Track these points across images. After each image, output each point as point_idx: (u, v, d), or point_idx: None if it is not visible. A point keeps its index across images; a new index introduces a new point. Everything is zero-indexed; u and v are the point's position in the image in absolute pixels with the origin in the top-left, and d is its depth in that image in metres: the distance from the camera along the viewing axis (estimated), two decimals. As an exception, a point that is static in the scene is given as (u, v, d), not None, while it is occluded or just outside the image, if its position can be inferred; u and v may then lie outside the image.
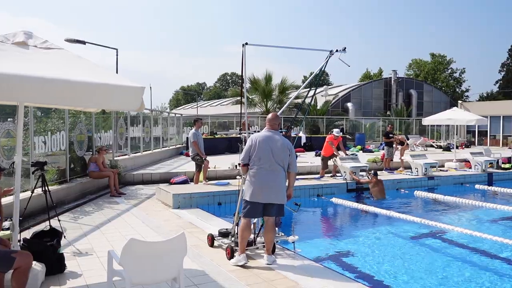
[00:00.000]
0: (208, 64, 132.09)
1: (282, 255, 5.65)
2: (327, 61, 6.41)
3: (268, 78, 26.11)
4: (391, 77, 45.14)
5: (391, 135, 15.61)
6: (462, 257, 6.48)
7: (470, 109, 32.19)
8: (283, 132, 6.33)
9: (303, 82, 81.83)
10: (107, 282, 3.65)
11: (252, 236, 5.69)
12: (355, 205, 9.71)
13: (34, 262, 4.22)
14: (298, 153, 20.63)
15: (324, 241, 7.61)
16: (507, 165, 14.88)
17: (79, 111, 10.18)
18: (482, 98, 56.56)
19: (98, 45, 17.75)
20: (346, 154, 12.29)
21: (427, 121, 17.46)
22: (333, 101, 35.99)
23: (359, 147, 23.94)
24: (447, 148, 24.52)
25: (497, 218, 9.15)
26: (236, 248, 5.38)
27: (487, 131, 30.25)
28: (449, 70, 61.78)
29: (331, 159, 12.05)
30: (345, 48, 6.57)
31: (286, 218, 8.43)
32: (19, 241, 4.79)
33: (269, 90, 25.84)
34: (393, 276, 5.62)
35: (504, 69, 61.31)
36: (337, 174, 11.93)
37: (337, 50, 6.46)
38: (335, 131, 12.20)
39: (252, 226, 5.71)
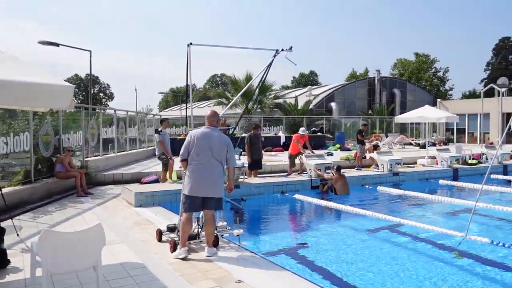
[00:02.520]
0: (198, 65, 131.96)
1: (226, 247, 5.86)
2: (273, 60, 6.63)
3: (248, 79, 26.31)
4: (374, 77, 45.67)
5: (364, 134, 15.90)
6: (414, 249, 6.69)
7: (449, 108, 32.76)
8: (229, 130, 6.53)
9: (292, 82, 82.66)
10: (30, 272, 3.81)
11: (197, 230, 5.91)
12: (315, 201, 9.93)
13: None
14: (276, 152, 21.01)
15: (279, 235, 7.76)
16: (474, 161, 15.24)
17: (45, 112, 10.31)
18: (465, 97, 57.23)
19: (72, 47, 17.83)
20: (313, 152, 12.53)
21: (399, 119, 17.79)
22: (314, 100, 36.26)
23: (338, 145, 24.25)
24: (425, 146, 24.87)
25: (453, 211, 9.42)
26: (180, 241, 5.58)
27: (465, 128, 30.78)
28: (433, 69, 62.50)
29: (298, 157, 12.30)
30: (291, 47, 6.79)
31: (233, 212, 8.65)
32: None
33: (249, 90, 26.00)
34: (341, 268, 5.78)
35: (489, 68, 62.20)
36: (304, 172, 12.16)
37: (282, 49, 6.68)
38: (301, 130, 12.46)
39: (197, 220, 5.94)
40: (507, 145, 22.34)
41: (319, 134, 25.33)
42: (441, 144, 26.94)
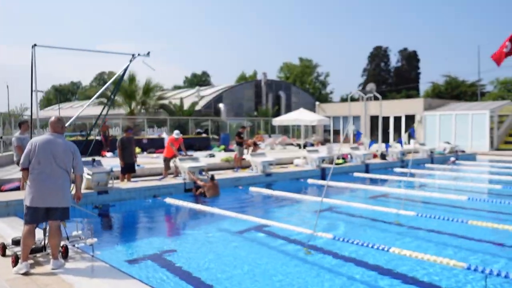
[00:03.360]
0: (84, 62, 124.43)
1: (76, 258, 5.65)
2: (129, 65, 6.56)
3: (131, 78, 25.56)
4: (261, 79, 47.29)
5: (242, 136, 16.52)
6: (274, 247, 7.08)
7: (326, 110, 35.17)
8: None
9: (184, 82, 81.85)
10: None
11: (43, 241, 5.61)
12: (187, 204, 9.93)
13: None
14: (158, 154, 20.63)
15: (145, 242, 7.63)
16: (340, 161, 16.59)
17: None
18: (343, 100, 61.97)
19: None
20: (187, 155, 12.61)
21: (276, 121, 18.66)
22: (202, 101, 36.47)
23: (222, 147, 24.61)
24: (305, 146, 26.42)
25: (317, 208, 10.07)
26: (21, 255, 5.24)
27: (339, 129, 33.30)
28: (315, 74, 66.64)
29: (172, 160, 12.29)
30: (149, 52, 6.78)
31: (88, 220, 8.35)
32: None
33: (132, 91, 25.29)
34: (205, 271, 5.90)
35: (366, 73, 68.12)
36: (179, 175, 12.16)
37: (139, 54, 6.64)
38: (175, 133, 12.48)
39: (43, 231, 5.63)
40: (375, 145, 24.65)
41: (204, 135, 25.51)
42: (319, 144, 28.81)
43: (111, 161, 14.45)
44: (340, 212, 9.87)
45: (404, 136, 12.11)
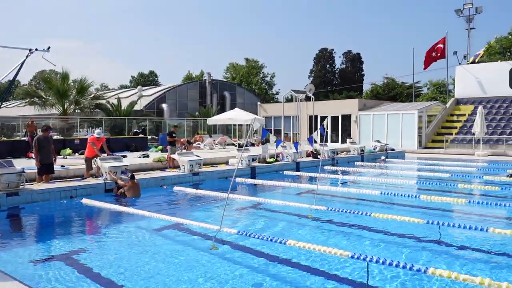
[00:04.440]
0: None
1: (-38, 262, 5.41)
2: (25, 60, 6.34)
3: (64, 77, 24.58)
4: (205, 79, 47.25)
5: (174, 135, 16.44)
6: (188, 244, 7.15)
7: (268, 110, 35.64)
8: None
9: (131, 82, 79.88)
10: None
11: None
12: (103, 205, 9.68)
13: None
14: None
15: (48, 243, 7.39)
16: (271, 159, 16.87)
17: None
18: (288, 100, 62.97)
19: None
20: (110, 154, 12.36)
21: (211, 121, 18.68)
22: (145, 101, 35.90)
23: (160, 147, 24.26)
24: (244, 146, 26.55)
25: (243, 207, 10.17)
26: None
27: (281, 129, 33.88)
28: (261, 74, 67.30)
29: (93, 160, 12.02)
30: (49, 47, 6.59)
31: None
32: None
33: (64, 90, 24.34)
34: (113, 270, 5.83)
35: (312, 74, 69.48)
36: (102, 176, 11.88)
37: (36, 49, 6.42)
38: (96, 132, 12.22)
39: None
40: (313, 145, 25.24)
41: (141, 135, 25.08)
42: (259, 144, 29.07)
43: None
44: (261, 208, 10.02)
45: (314, 134, 12.47)
